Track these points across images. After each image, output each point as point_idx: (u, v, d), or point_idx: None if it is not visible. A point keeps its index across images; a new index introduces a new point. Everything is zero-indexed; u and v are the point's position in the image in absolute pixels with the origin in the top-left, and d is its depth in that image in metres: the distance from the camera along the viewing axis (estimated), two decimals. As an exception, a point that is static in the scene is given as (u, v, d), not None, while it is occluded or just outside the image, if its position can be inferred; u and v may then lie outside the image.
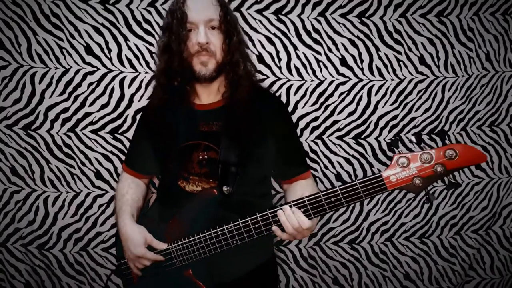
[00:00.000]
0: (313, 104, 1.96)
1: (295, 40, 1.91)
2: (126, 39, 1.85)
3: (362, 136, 2.01)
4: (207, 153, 1.57)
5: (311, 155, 2.01)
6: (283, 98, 1.93)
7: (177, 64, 1.53)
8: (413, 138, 1.28)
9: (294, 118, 1.95)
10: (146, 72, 1.88)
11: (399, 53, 1.95)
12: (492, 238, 2.24)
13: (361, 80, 1.95)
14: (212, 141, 1.57)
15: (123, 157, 1.92)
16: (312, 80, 1.93)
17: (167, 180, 1.69)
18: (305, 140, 1.99)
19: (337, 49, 1.93)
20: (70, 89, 1.87)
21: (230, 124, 1.56)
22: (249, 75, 1.62)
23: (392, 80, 1.96)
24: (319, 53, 1.92)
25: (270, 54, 1.91)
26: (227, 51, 1.54)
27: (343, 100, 1.96)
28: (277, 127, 1.63)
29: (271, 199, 1.91)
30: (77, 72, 1.86)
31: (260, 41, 1.89)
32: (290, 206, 1.37)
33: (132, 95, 1.89)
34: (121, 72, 1.87)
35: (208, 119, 1.59)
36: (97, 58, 1.86)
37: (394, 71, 1.96)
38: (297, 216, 1.35)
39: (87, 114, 1.90)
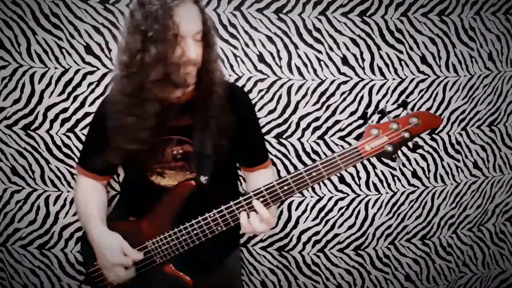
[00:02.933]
0: (314, 104, 1.95)
1: (296, 39, 1.89)
2: (126, 39, 1.84)
3: (364, 136, 2.00)
4: (181, 147, 1.58)
5: (313, 156, 2.01)
6: (284, 98, 1.93)
7: (157, 72, 1.43)
8: (384, 109, 1.46)
9: (296, 118, 1.95)
10: (146, 72, 1.86)
11: (401, 52, 1.95)
12: (485, 235, 2.28)
13: (363, 79, 1.95)
14: (185, 134, 1.57)
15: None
16: (313, 80, 1.92)
17: (137, 176, 1.64)
18: (307, 141, 1.98)
19: (339, 48, 1.91)
20: (69, 89, 1.86)
21: (202, 116, 1.55)
22: (219, 71, 1.61)
23: (393, 79, 1.96)
24: (320, 52, 1.91)
25: (271, 53, 1.89)
26: (206, 60, 1.51)
27: (344, 99, 1.96)
28: (244, 118, 1.67)
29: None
30: (76, 72, 1.85)
31: (260, 40, 1.88)
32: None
33: (133, 95, 1.88)
34: (122, 71, 1.86)
35: (178, 113, 1.56)
36: (97, 58, 1.84)
37: (396, 70, 1.95)
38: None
39: (87, 114, 1.89)
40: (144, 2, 1.39)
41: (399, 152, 1.53)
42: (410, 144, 1.47)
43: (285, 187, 1.45)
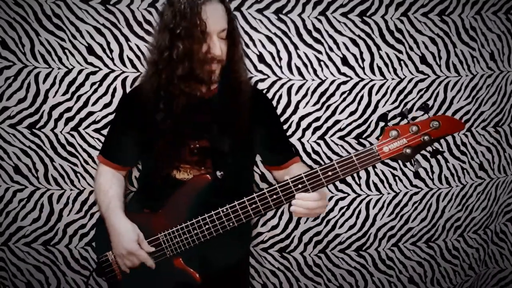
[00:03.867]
0: (314, 104, 1.95)
1: (295, 39, 1.89)
2: (127, 39, 1.86)
3: (364, 136, 1.99)
4: (198, 142, 1.62)
5: (314, 156, 2.00)
6: (284, 98, 1.93)
7: (184, 67, 1.51)
8: (405, 111, 1.42)
9: (296, 118, 1.95)
10: (147, 72, 1.89)
11: (400, 52, 1.93)
12: (489, 236, 2.24)
13: (362, 79, 1.94)
14: (203, 130, 1.62)
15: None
16: (313, 80, 1.92)
17: (155, 169, 1.67)
18: (307, 141, 1.98)
19: (338, 48, 1.91)
20: (73, 88, 1.89)
21: (222, 114, 1.61)
22: (243, 70, 1.69)
23: (393, 79, 1.95)
24: (320, 52, 1.91)
25: (271, 53, 1.90)
26: (230, 58, 1.60)
27: (344, 99, 1.95)
28: (266, 118, 1.77)
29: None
30: (79, 72, 1.88)
31: (260, 41, 1.89)
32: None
33: (134, 95, 1.90)
34: (123, 72, 1.88)
35: (199, 108, 1.61)
36: (99, 58, 1.87)
37: (395, 70, 1.94)
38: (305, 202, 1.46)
39: (90, 114, 1.92)
40: (173, 1, 1.49)
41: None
42: (429, 148, 1.44)
43: (299, 185, 1.45)
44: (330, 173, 1.43)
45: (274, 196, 1.47)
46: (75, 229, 2.04)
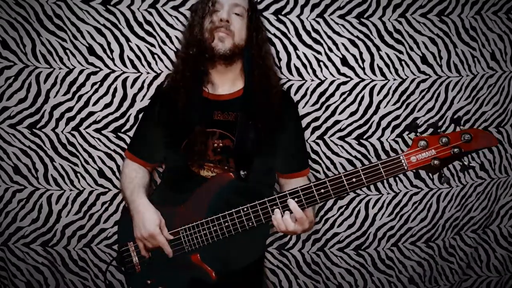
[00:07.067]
0: (313, 104, 1.95)
1: (295, 40, 1.90)
2: (127, 40, 1.87)
3: (364, 137, 1.99)
4: (222, 141, 1.63)
5: (313, 156, 2.00)
6: (283, 98, 1.93)
7: (197, 35, 1.60)
8: (436, 122, 1.36)
9: (295, 118, 1.95)
10: (148, 73, 1.89)
11: (401, 52, 1.93)
12: (489, 237, 2.23)
13: (363, 80, 1.94)
14: (227, 129, 1.63)
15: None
16: (312, 80, 1.92)
17: (179, 165, 1.69)
18: (307, 141, 1.98)
19: (338, 48, 1.91)
20: (74, 88, 1.90)
21: (248, 114, 1.62)
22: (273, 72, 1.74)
23: (394, 79, 1.95)
24: (319, 53, 1.91)
25: (270, 54, 1.90)
26: (247, 38, 1.63)
27: (344, 100, 1.95)
28: (289, 123, 1.72)
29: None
30: (80, 72, 1.88)
31: (260, 42, 1.89)
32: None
33: (135, 95, 1.91)
34: (124, 72, 1.89)
35: (223, 109, 1.65)
36: (100, 58, 1.88)
37: (396, 70, 1.94)
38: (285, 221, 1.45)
39: (91, 114, 1.93)
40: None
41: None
42: (458, 162, 1.38)
43: (322, 190, 1.41)
44: (354, 179, 1.38)
45: (296, 200, 1.44)
46: (74, 230, 2.03)
